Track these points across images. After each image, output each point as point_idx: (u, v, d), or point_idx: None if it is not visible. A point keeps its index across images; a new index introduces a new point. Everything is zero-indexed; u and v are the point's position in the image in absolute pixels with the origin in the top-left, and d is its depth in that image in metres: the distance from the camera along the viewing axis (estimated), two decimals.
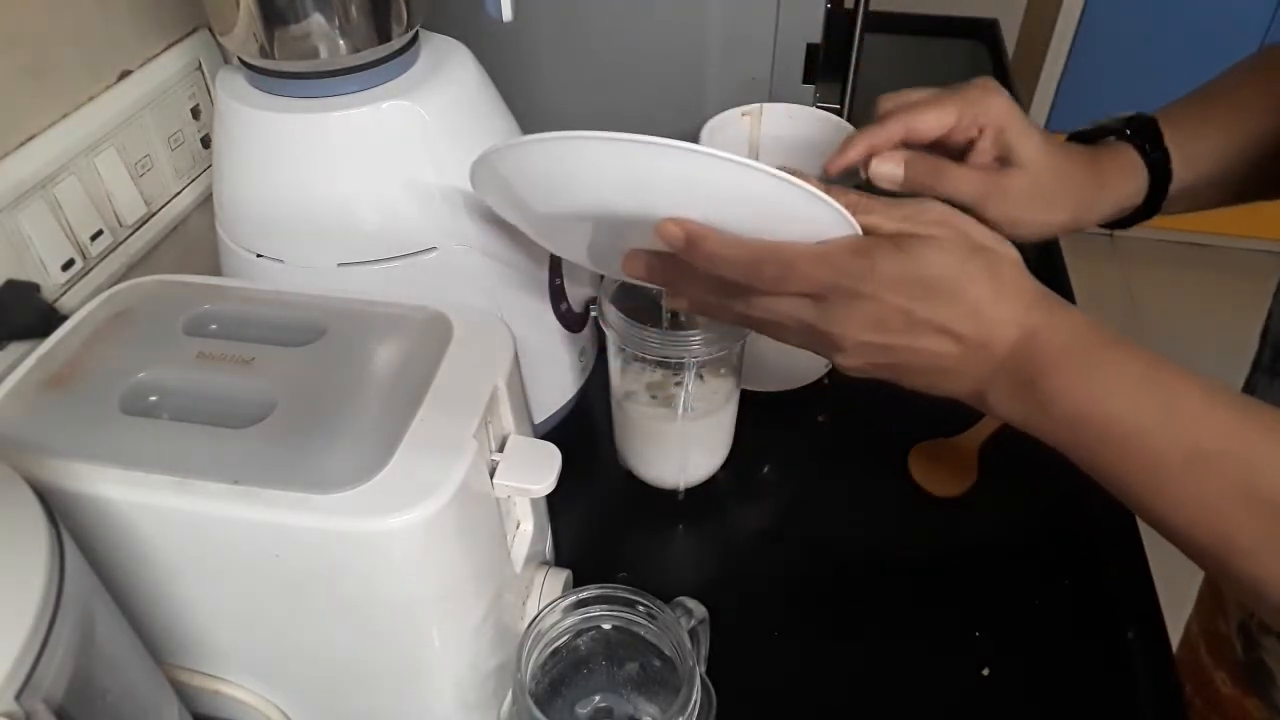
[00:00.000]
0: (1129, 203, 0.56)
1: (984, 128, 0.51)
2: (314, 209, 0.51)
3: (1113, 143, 0.56)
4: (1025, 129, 0.51)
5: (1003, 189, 0.51)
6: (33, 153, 0.54)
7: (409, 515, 0.36)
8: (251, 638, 0.43)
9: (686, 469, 0.63)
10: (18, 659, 0.27)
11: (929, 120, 0.51)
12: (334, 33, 0.47)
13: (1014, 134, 0.51)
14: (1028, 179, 0.51)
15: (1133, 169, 0.55)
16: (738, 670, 0.51)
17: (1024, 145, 0.51)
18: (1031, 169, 0.51)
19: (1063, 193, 0.53)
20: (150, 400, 0.41)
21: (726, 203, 0.41)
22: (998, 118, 0.51)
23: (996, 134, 0.51)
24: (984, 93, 0.52)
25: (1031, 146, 0.51)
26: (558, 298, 0.61)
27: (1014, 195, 0.51)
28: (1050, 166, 0.52)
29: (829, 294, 0.41)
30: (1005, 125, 0.51)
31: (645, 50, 0.76)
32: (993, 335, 0.40)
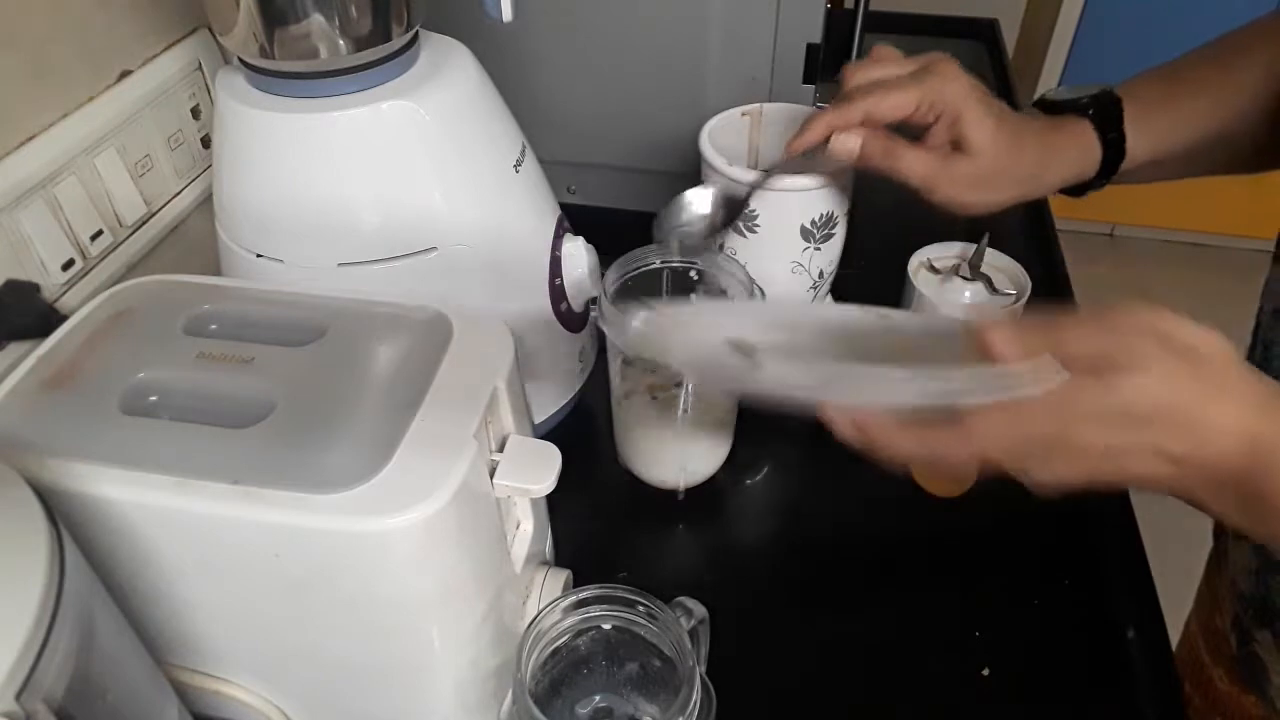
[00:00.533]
0: (1078, 178, 0.58)
1: (940, 114, 0.53)
2: (314, 209, 0.51)
3: (1073, 118, 0.57)
4: (979, 117, 0.53)
5: (950, 174, 0.53)
6: (33, 153, 0.54)
7: (409, 515, 0.36)
8: (252, 638, 0.43)
9: (686, 469, 0.63)
10: (18, 659, 0.27)
11: (888, 105, 0.53)
12: (334, 33, 0.47)
13: (967, 122, 0.53)
14: (975, 166, 0.53)
15: (1087, 146, 0.57)
16: (738, 670, 0.51)
17: (976, 134, 0.53)
18: (981, 157, 0.53)
19: (1010, 175, 0.55)
20: (150, 400, 0.41)
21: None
22: (953, 105, 0.53)
23: (951, 122, 0.53)
24: (942, 80, 0.53)
25: (983, 135, 0.53)
26: (558, 298, 0.61)
27: (960, 180, 0.54)
28: (1000, 152, 0.54)
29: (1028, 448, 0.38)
30: (960, 113, 0.53)
31: (645, 50, 0.76)
32: (1211, 451, 0.37)
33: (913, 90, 0.53)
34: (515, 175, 0.56)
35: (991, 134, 0.53)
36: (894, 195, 0.99)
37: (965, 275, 0.76)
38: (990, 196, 0.55)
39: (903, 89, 0.53)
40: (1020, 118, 0.57)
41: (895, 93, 0.53)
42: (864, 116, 0.53)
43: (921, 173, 0.53)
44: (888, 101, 0.52)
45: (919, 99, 0.52)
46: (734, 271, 0.58)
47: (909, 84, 0.53)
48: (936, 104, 0.53)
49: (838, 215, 0.62)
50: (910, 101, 0.53)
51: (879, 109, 0.53)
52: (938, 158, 0.53)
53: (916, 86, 0.53)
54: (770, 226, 0.61)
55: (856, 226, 0.66)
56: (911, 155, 0.53)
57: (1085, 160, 0.57)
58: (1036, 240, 0.90)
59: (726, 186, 0.58)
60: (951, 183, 0.54)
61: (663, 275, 0.60)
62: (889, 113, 0.53)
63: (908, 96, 0.53)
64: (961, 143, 0.53)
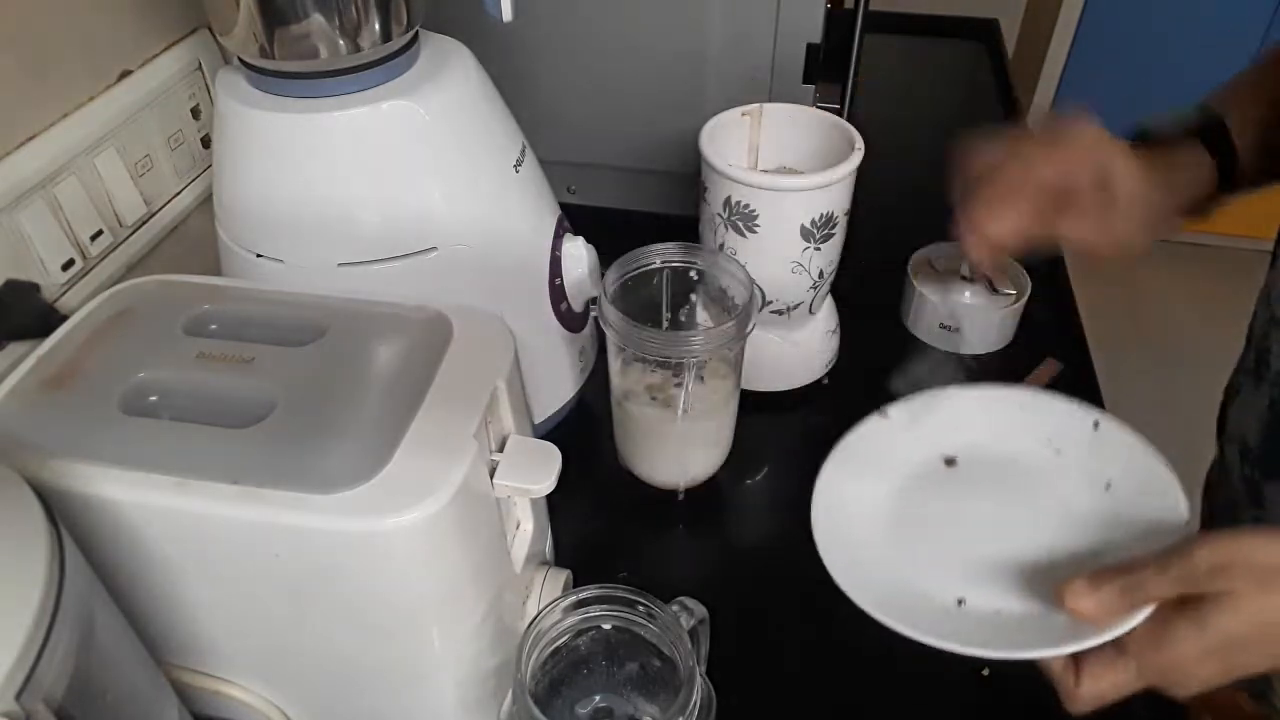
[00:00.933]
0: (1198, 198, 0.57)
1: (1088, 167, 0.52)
2: (314, 209, 0.51)
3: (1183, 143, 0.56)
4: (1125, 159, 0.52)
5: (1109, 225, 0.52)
6: (33, 153, 0.54)
7: (409, 515, 0.36)
8: (252, 638, 0.43)
9: (686, 469, 0.63)
10: (18, 659, 0.27)
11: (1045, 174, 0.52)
12: (334, 33, 0.47)
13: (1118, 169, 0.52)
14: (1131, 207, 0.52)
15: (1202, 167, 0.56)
16: (738, 670, 0.51)
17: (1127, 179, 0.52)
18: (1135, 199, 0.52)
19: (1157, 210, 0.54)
20: (150, 400, 0.41)
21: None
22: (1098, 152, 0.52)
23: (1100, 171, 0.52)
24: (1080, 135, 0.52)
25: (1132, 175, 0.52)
26: (558, 298, 0.61)
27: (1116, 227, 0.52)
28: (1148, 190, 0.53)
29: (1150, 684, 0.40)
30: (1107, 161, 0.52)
31: (645, 50, 0.76)
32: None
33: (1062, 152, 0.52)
34: (515, 175, 0.56)
35: (1138, 173, 0.52)
36: (894, 195, 1.00)
37: (965, 275, 0.77)
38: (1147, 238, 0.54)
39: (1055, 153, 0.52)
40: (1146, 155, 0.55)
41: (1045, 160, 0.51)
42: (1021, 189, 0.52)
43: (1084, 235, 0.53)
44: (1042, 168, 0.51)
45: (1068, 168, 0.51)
46: (734, 271, 0.58)
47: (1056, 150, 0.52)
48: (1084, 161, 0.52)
49: (838, 215, 0.62)
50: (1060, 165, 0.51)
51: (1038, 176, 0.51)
52: (1096, 213, 0.52)
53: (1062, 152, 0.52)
54: (770, 226, 0.61)
55: (856, 226, 0.66)
56: (1072, 223, 0.52)
57: (1203, 182, 0.56)
58: None
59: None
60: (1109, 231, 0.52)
61: (663, 275, 0.60)
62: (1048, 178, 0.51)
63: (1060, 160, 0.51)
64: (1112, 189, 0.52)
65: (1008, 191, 0.51)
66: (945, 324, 0.75)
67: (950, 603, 0.46)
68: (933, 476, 0.53)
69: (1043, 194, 0.51)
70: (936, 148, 1.17)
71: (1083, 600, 0.40)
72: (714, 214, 0.63)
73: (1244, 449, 0.59)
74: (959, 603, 0.46)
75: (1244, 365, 0.60)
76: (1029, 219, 0.51)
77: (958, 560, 0.48)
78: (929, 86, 1.24)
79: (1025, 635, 0.44)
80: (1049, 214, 0.52)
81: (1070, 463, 0.52)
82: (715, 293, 0.61)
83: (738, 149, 0.67)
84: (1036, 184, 0.51)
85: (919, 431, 0.53)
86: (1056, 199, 0.52)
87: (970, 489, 0.52)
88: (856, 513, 0.51)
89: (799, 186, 0.60)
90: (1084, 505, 0.50)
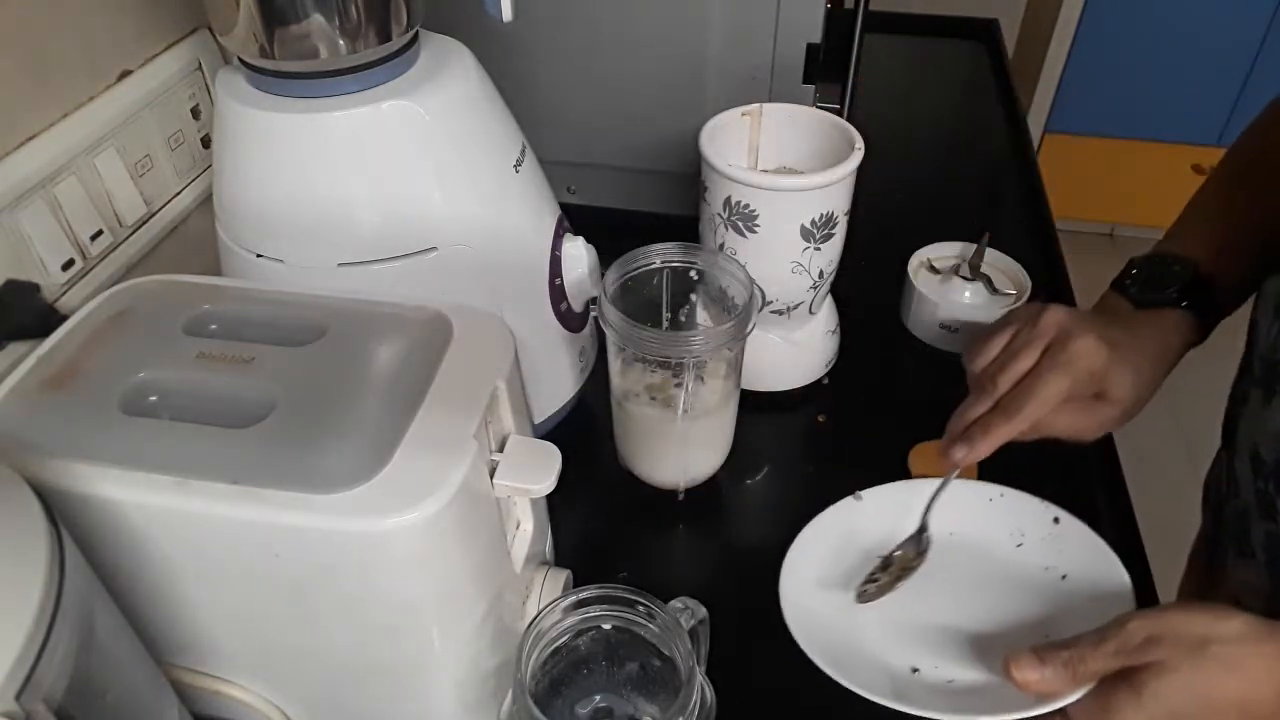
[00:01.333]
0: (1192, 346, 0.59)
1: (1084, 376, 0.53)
2: (314, 209, 0.51)
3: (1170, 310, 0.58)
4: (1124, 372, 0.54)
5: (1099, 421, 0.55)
6: (33, 153, 0.54)
7: (409, 515, 0.36)
8: (252, 638, 0.43)
9: (686, 469, 0.63)
10: (18, 659, 0.27)
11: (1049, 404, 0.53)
12: (334, 33, 0.47)
13: (1115, 383, 0.54)
14: (1125, 410, 0.55)
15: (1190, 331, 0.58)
16: (738, 670, 0.51)
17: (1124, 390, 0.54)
18: (1130, 404, 0.55)
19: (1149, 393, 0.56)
20: (150, 400, 0.41)
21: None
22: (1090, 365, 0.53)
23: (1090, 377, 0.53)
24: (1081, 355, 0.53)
25: (1129, 386, 0.54)
26: (558, 298, 0.61)
27: (1107, 422, 0.55)
28: (1145, 389, 0.55)
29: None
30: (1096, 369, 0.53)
31: (645, 50, 0.76)
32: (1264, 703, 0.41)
33: (1061, 379, 0.53)
34: (515, 175, 0.56)
35: (1134, 383, 0.54)
36: (894, 195, 1.00)
37: (965, 275, 0.77)
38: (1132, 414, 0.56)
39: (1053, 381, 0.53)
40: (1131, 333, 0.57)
41: (1049, 389, 0.52)
42: (1032, 422, 0.53)
43: (1073, 431, 0.55)
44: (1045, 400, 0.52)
45: (1070, 385, 0.53)
46: (734, 271, 0.58)
47: (1055, 375, 0.53)
48: (1085, 379, 0.53)
49: (838, 215, 0.62)
50: (1063, 390, 0.53)
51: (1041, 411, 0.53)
52: (1086, 412, 0.54)
53: (1064, 375, 0.53)
54: (770, 226, 0.61)
55: (856, 226, 0.66)
56: (1062, 420, 0.54)
57: (1195, 335, 0.58)
58: (1036, 240, 0.90)
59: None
60: (1100, 427, 0.55)
61: (663, 275, 0.60)
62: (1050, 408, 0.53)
63: (1059, 387, 0.53)
64: (1109, 398, 0.54)
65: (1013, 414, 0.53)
66: (945, 324, 0.75)
67: (905, 670, 0.51)
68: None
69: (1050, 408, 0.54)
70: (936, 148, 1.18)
71: (1029, 672, 0.44)
72: (714, 214, 0.63)
73: (1255, 461, 0.59)
74: (913, 671, 0.51)
75: (1249, 372, 0.60)
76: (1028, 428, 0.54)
77: (914, 632, 0.53)
78: (929, 86, 1.24)
79: (974, 704, 0.48)
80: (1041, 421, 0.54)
81: (1030, 553, 0.56)
82: (715, 293, 0.61)
83: (738, 149, 0.67)
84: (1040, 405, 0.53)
85: (891, 514, 0.57)
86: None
87: (937, 571, 0.56)
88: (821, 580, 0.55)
89: (799, 186, 0.60)
90: (1039, 591, 0.54)
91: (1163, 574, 0.60)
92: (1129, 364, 0.54)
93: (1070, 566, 0.55)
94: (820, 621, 0.51)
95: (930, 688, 0.50)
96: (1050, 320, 0.55)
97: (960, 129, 1.14)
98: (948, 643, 0.52)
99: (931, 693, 0.49)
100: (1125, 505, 0.63)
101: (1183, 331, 0.58)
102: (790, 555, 0.54)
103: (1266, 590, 0.59)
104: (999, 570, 0.56)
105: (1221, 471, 0.65)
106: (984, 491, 0.58)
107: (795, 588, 0.53)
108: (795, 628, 0.49)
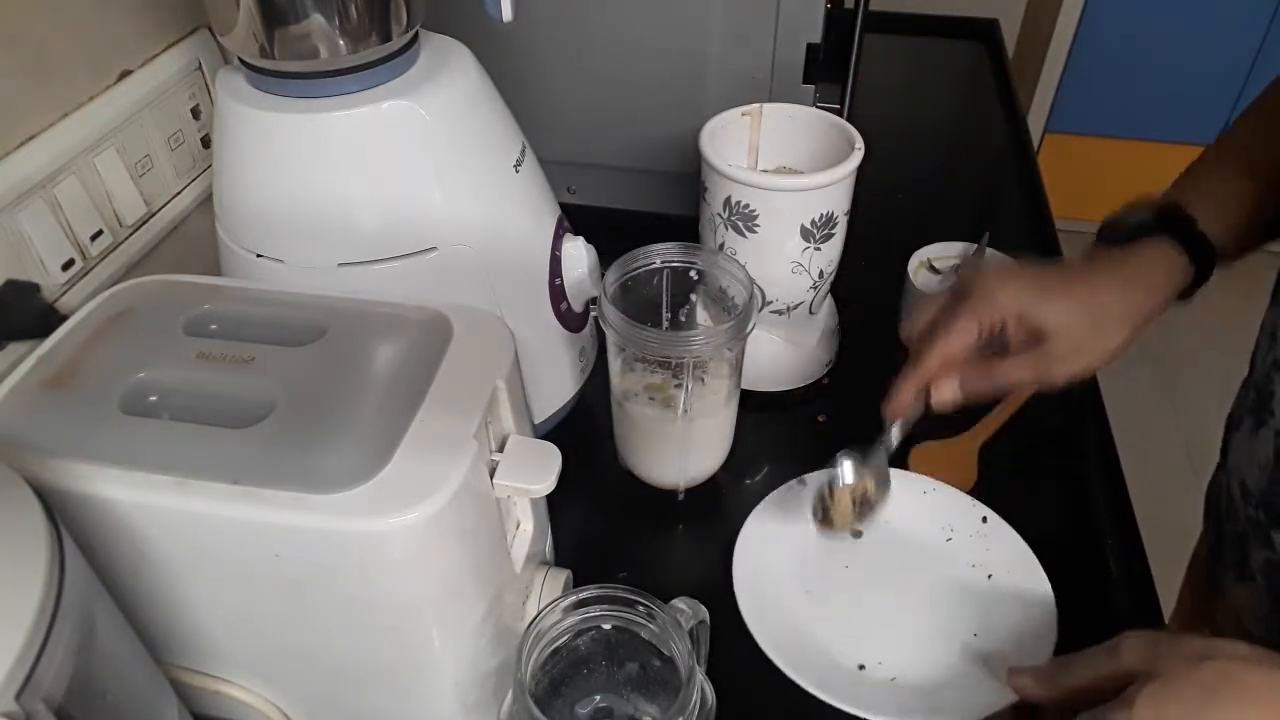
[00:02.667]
0: (1181, 286, 0.56)
1: (1005, 319, 0.53)
2: (314, 209, 0.51)
3: (1147, 241, 0.56)
4: (1041, 300, 0.53)
5: (1050, 358, 0.53)
6: (33, 153, 0.54)
7: (409, 515, 0.36)
8: (251, 638, 0.43)
9: (686, 469, 0.63)
10: (18, 659, 0.27)
11: (956, 342, 0.53)
12: (334, 33, 0.47)
13: (1034, 312, 0.53)
14: (1067, 339, 0.53)
15: (1172, 262, 0.56)
16: (738, 670, 0.51)
17: (1049, 316, 0.52)
18: (1066, 330, 0.53)
19: (1106, 322, 0.54)
20: (150, 400, 0.41)
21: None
22: (1012, 307, 0.53)
23: (1018, 320, 0.53)
24: (986, 295, 0.53)
25: (1055, 316, 0.53)
26: (558, 298, 0.61)
27: (1062, 357, 0.53)
28: (1082, 316, 0.53)
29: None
30: (1022, 310, 0.53)
31: (645, 50, 0.76)
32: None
33: (967, 315, 0.53)
34: (515, 175, 0.56)
35: (1062, 307, 0.53)
36: (894, 195, 1.00)
37: None
38: (1103, 347, 0.54)
39: (959, 318, 0.53)
40: (1084, 267, 0.56)
41: (956, 329, 0.53)
42: (942, 364, 0.54)
43: (1026, 375, 0.54)
44: (953, 339, 0.53)
45: (976, 320, 0.53)
46: (734, 271, 0.58)
47: (960, 310, 0.53)
48: (994, 312, 0.53)
49: (838, 215, 0.62)
50: (971, 326, 0.53)
51: (951, 350, 0.53)
52: (1031, 354, 0.53)
53: (969, 310, 0.53)
54: (770, 226, 0.61)
55: (856, 226, 0.66)
56: (1008, 365, 0.54)
57: (1178, 275, 0.56)
58: (1036, 240, 0.90)
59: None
60: (1056, 363, 0.53)
61: (663, 275, 0.60)
62: (958, 346, 0.53)
63: (966, 323, 0.53)
64: (1040, 330, 0.53)
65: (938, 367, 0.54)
66: None
67: (852, 667, 0.53)
68: (841, 546, 0.60)
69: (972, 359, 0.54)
70: (936, 148, 1.18)
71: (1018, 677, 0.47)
72: (714, 214, 0.63)
73: (1244, 489, 0.59)
74: (859, 668, 0.53)
75: (1246, 399, 0.60)
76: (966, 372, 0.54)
77: (859, 628, 0.55)
78: (929, 86, 1.24)
79: (919, 704, 0.50)
80: (985, 365, 0.54)
81: (959, 548, 0.59)
82: (715, 293, 0.61)
83: (738, 149, 0.67)
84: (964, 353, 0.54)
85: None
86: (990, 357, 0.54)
87: (872, 562, 0.59)
88: (772, 572, 0.57)
89: (799, 186, 0.60)
90: (968, 589, 0.57)
91: (1162, 575, 0.60)
92: (1062, 297, 0.53)
93: (996, 568, 0.58)
94: (772, 615, 0.54)
95: (876, 686, 0.52)
96: (974, 276, 0.55)
97: (960, 129, 1.14)
98: (890, 640, 0.55)
99: (877, 692, 0.51)
100: (1125, 506, 0.63)
101: (1161, 262, 0.55)
102: (739, 546, 0.57)
103: (1266, 613, 0.59)
104: (932, 564, 0.59)
105: (1222, 489, 0.65)
106: (917, 484, 0.62)
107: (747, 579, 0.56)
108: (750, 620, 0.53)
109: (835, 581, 0.58)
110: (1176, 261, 0.55)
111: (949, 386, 0.54)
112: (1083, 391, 0.71)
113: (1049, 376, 0.53)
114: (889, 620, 0.56)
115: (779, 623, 0.54)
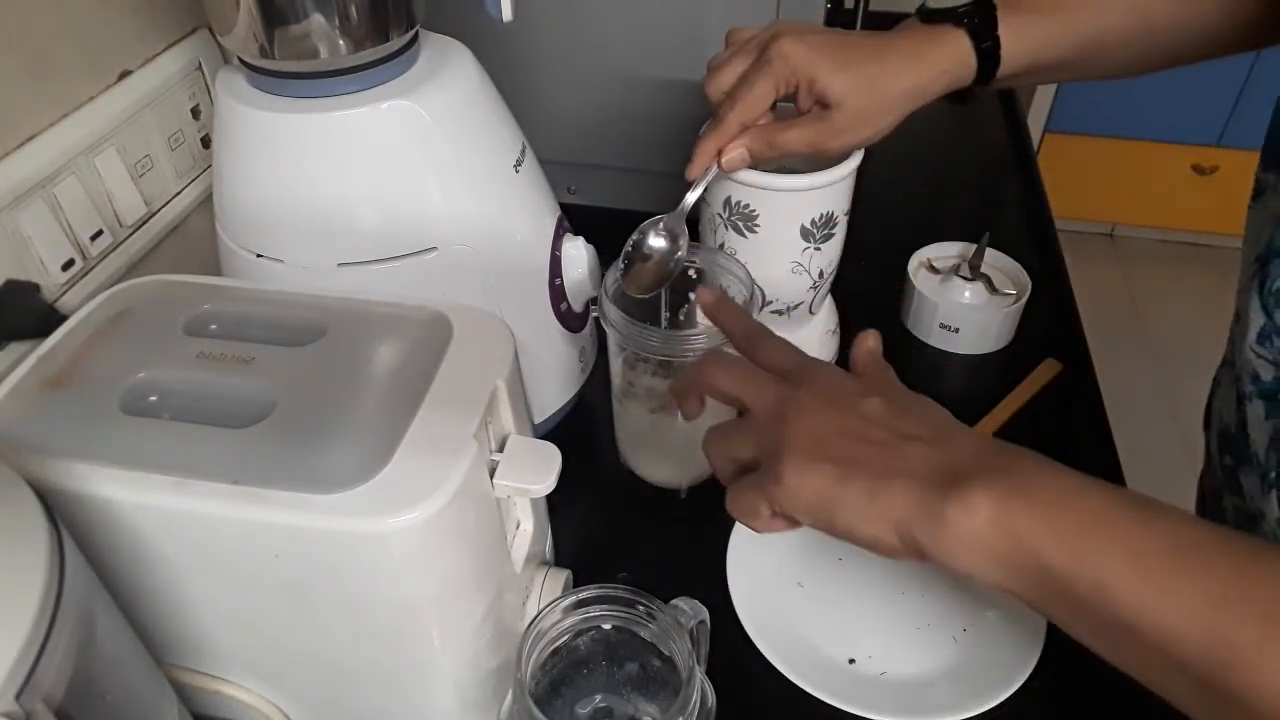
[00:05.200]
0: (955, 85, 0.58)
1: (797, 82, 0.55)
2: (314, 209, 0.51)
3: (948, 28, 0.58)
4: (827, 73, 0.55)
5: (830, 130, 0.55)
6: (33, 153, 0.54)
7: (409, 515, 0.36)
8: (251, 638, 0.43)
9: (687, 469, 0.63)
10: (18, 659, 0.27)
11: (752, 106, 0.55)
12: (334, 33, 0.47)
13: (822, 80, 0.55)
14: (848, 111, 0.55)
15: (962, 54, 0.58)
16: (738, 670, 0.51)
17: (832, 88, 0.55)
18: (848, 102, 0.55)
19: (886, 99, 0.56)
20: (150, 400, 0.41)
21: None
22: (802, 73, 0.55)
23: (808, 86, 0.55)
24: (782, 57, 0.55)
25: (839, 85, 0.55)
26: (558, 298, 0.61)
27: (841, 128, 0.56)
28: (866, 87, 0.55)
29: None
30: (812, 75, 0.55)
31: (645, 50, 0.76)
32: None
33: (765, 80, 0.54)
34: (515, 175, 0.56)
35: (847, 79, 0.55)
36: (894, 195, 0.99)
37: (965, 275, 0.77)
38: (880, 123, 0.57)
39: (757, 83, 0.55)
40: (882, 40, 0.58)
41: (753, 91, 0.55)
42: (740, 124, 0.55)
43: (805, 141, 0.56)
44: (749, 102, 0.55)
45: (774, 85, 0.55)
46: (734, 271, 0.58)
47: (759, 76, 0.55)
48: (789, 75, 0.55)
49: (838, 215, 0.62)
50: (769, 91, 0.55)
51: (748, 114, 0.55)
52: (813, 121, 0.55)
53: (767, 75, 0.54)
54: (770, 226, 0.61)
55: (856, 226, 0.66)
56: (790, 133, 0.55)
57: (961, 68, 0.58)
58: (1036, 240, 0.90)
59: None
60: (836, 135, 0.56)
61: None
62: (757, 111, 0.55)
63: (764, 88, 0.55)
64: (825, 98, 0.55)
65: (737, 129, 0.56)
66: (945, 324, 0.75)
67: (842, 661, 0.53)
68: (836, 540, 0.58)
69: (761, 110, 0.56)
70: (936, 148, 1.18)
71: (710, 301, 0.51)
72: (714, 214, 0.63)
73: (1223, 436, 0.59)
74: (850, 661, 0.53)
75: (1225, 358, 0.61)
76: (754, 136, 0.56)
77: (850, 622, 0.56)
78: None
79: (908, 701, 0.50)
80: (769, 131, 0.56)
81: None
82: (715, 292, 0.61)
83: None
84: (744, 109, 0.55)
85: None
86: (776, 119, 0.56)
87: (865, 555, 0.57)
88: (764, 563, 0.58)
89: (799, 186, 0.60)
90: (958, 583, 0.57)
91: None
92: (852, 70, 0.55)
93: None
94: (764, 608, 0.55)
95: (867, 681, 0.52)
96: (766, 35, 0.56)
97: (960, 129, 1.14)
98: (879, 634, 0.55)
99: (867, 687, 0.51)
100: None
101: (951, 46, 0.57)
102: (733, 539, 0.58)
103: None
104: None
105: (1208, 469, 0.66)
106: None
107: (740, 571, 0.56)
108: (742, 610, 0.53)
109: (828, 574, 0.58)
110: (966, 55, 0.57)
111: (738, 149, 0.56)
112: (1083, 390, 0.71)
113: (827, 145, 0.56)
114: (879, 614, 0.56)
115: (770, 614, 0.54)
